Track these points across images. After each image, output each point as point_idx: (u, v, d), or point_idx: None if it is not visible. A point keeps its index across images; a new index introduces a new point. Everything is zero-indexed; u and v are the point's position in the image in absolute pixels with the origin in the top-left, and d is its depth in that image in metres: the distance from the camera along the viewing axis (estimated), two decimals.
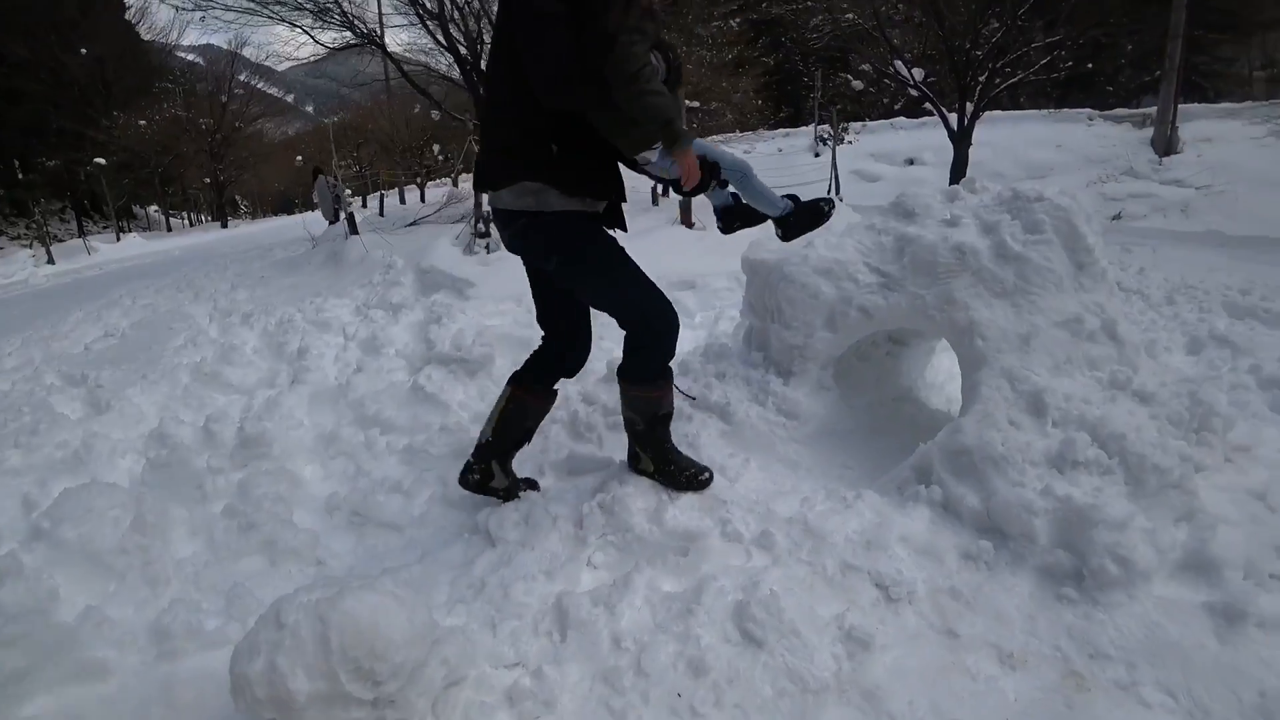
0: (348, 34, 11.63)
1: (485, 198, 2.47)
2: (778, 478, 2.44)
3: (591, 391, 3.08)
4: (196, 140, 32.17)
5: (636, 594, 1.97)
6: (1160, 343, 4.41)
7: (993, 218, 2.55)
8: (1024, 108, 22.63)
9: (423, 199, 20.14)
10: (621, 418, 2.43)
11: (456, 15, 11.67)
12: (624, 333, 2.31)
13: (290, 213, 33.33)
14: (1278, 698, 1.65)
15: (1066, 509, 2.03)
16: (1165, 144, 17.49)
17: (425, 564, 2.32)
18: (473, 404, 3.56)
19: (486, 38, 12.56)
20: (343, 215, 10.03)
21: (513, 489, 2.53)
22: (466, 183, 7.32)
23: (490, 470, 2.49)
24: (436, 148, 21.17)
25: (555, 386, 2.56)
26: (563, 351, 2.50)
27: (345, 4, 11.28)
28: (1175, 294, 5.86)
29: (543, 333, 2.53)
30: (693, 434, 2.66)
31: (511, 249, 2.38)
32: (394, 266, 6.87)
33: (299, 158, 34.80)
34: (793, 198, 2.88)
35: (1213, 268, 7.64)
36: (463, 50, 11.82)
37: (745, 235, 2.96)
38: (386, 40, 17.45)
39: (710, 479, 2.37)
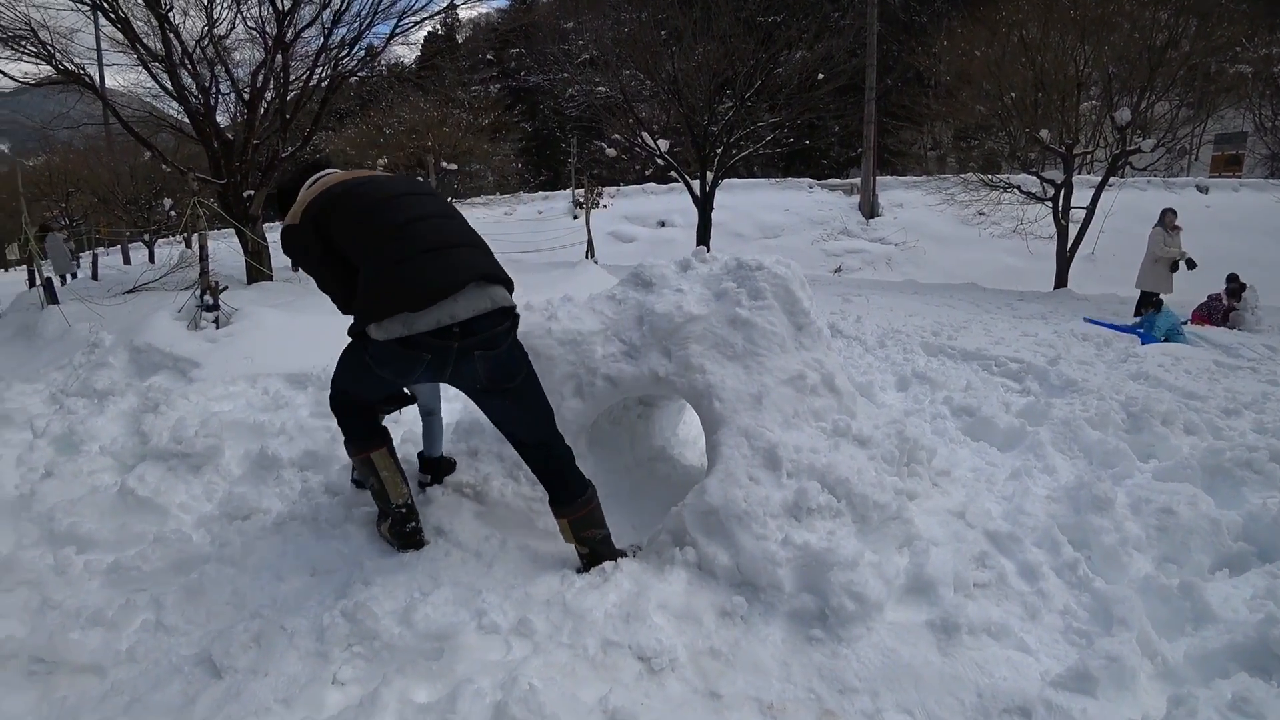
0: (48, 68, 9.91)
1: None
2: (537, 555, 2.37)
3: (336, 482, 2.80)
4: None
5: (386, 711, 1.78)
6: (876, 383, 5.05)
7: (721, 286, 2.75)
8: (756, 176, 25.58)
9: (152, 259, 17.79)
10: (576, 551, 2.34)
11: (187, 62, 10.53)
12: (535, 466, 2.34)
13: None
14: (991, 694, 1.88)
15: (806, 555, 2.19)
16: (869, 208, 20.74)
17: (132, 713, 1.91)
18: (197, 505, 3.05)
19: (222, 87, 11.50)
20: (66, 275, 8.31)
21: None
22: (209, 240, 6.46)
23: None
24: (168, 202, 18.76)
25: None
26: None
27: (45, 34, 9.60)
28: (885, 338, 6.78)
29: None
30: (445, 518, 2.51)
31: (497, 359, 2.23)
32: (101, 344, 5.84)
33: None
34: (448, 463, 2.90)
35: (911, 313, 9.04)
36: (194, 100, 10.68)
37: None
38: (107, 79, 15.30)
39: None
